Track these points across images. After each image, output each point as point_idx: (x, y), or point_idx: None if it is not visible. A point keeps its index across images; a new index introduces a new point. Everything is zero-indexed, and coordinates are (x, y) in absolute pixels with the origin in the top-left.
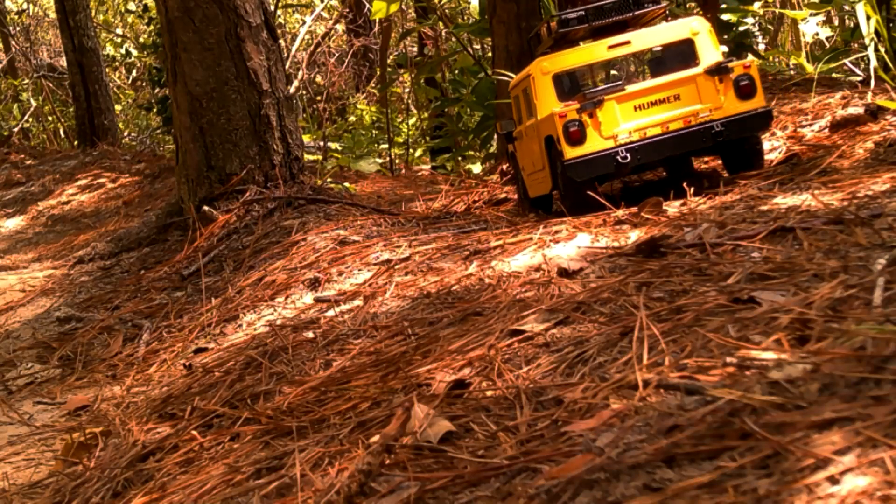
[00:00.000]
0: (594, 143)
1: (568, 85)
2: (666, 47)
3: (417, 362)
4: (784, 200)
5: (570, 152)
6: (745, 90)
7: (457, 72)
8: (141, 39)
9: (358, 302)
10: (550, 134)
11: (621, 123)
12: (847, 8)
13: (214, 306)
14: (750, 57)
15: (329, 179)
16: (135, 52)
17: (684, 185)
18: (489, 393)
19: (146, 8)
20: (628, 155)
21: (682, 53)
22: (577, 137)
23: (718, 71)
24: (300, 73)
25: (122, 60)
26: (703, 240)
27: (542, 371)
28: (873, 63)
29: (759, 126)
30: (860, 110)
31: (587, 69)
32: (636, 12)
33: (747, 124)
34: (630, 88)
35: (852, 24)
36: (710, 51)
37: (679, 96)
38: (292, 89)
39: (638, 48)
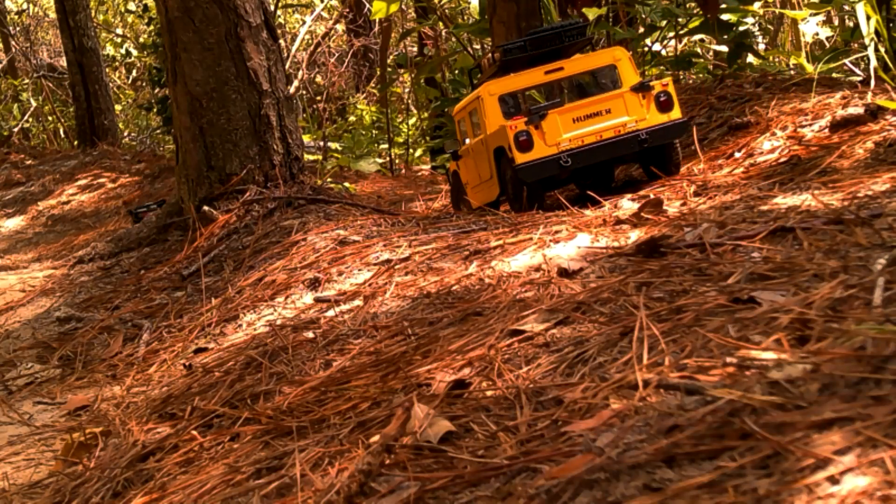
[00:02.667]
0: (540, 150)
1: (511, 105)
2: (593, 72)
3: (417, 362)
4: (784, 200)
5: (521, 158)
6: (664, 104)
7: (457, 72)
8: (141, 39)
9: (358, 302)
10: (501, 144)
11: (563, 133)
12: (847, 8)
13: (214, 306)
14: (667, 77)
15: (329, 179)
16: (135, 52)
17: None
18: (489, 393)
19: (146, 8)
20: (570, 159)
21: (606, 76)
22: (526, 145)
23: (642, 88)
24: (300, 73)
25: (122, 60)
26: (703, 240)
27: (542, 371)
28: (873, 63)
29: (677, 134)
30: (860, 110)
31: (526, 90)
32: (566, 43)
33: (667, 133)
34: (568, 104)
35: (852, 24)
36: (630, 74)
37: (610, 110)
38: (292, 89)
39: (570, 73)
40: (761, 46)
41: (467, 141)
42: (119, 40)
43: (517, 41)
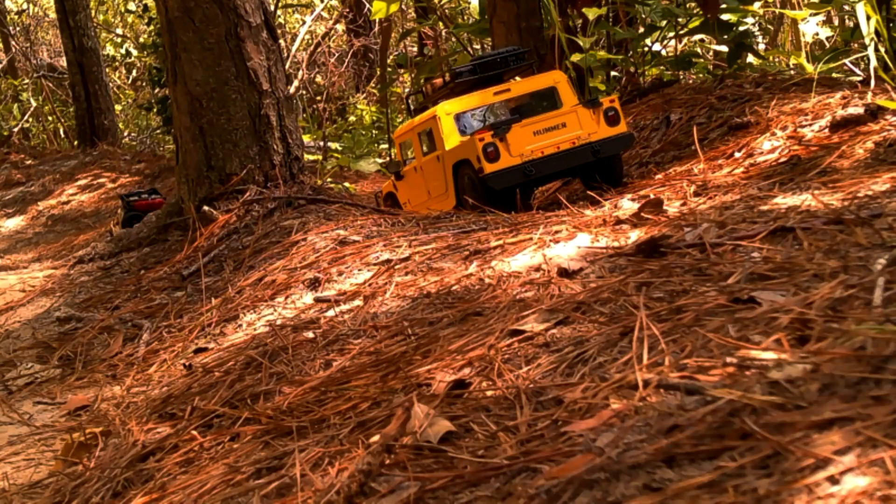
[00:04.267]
0: (506, 160)
1: (463, 123)
2: (536, 93)
3: (417, 362)
4: (784, 200)
5: (489, 168)
6: (612, 119)
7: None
8: (141, 39)
9: (358, 302)
10: (465, 157)
11: (525, 145)
12: (847, 8)
13: (214, 306)
14: (613, 94)
15: (329, 179)
16: (135, 52)
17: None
18: (489, 393)
19: (146, 8)
20: (533, 168)
21: (548, 97)
22: (493, 156)
23: (592, 104)
24: (300, 73)
25: (122, 60)
26: (703, 240)
27: (542, 371)
28: (873, 63)
29: (625, 145)
30: (860, 110)
31: (477, 110)
32: (511, 68)
33: (617, 144)
34: (528, 119)
35: (852, 24)
36: (569, 95)
37: (566, 124)
38: (292, 89)
39: (516, 94)
40: (761, 46)
41: (408, 162)
42: (119, 40)
43: (466, 66)
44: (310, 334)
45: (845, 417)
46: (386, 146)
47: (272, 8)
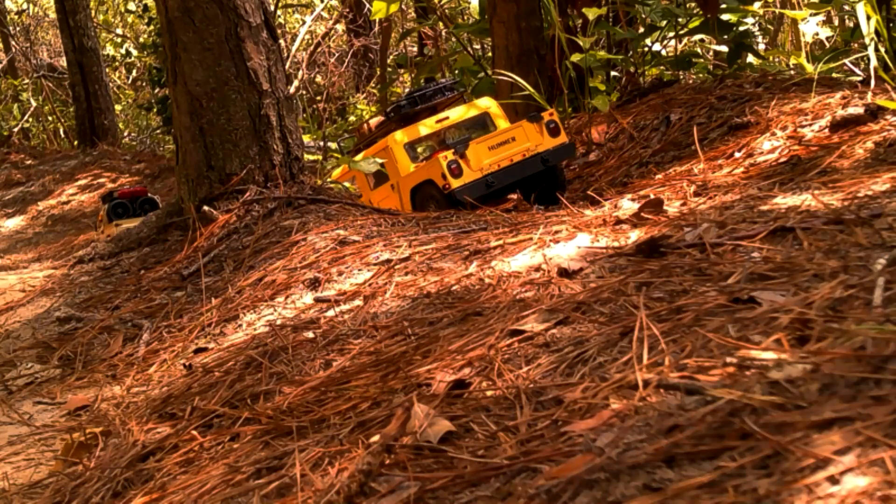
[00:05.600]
0: (468, 175)
1: (412, 150)
2: (472, 118)
3: (417, 362)
4: (784, 200)
5: (455, 183)
6: (554, 130)
7: (457, 72)
8: (141, 39)
9: (358, 302)
10: (429, 178)
11: (483, 159)
12: (847, 8)
13: (214, 306)
14: (550, 110)
15: (329, 179)
16: (135, 52)
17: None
18: (489, 393)
19: (146, 8)
20: (494, 180)
21: (482, 121)
22: (457, 172)
23: (535, 119)
24: (300, 73)
25: (122, 60)
26: (703, 240)
27: (542, 371)
28: (873, 63)
29: (568, 153)
30: (860, 110)
31: (424, 138)
32: (445, 97)
33: (562, 152)
34: (479, 138)
35: (852, 24)
36: (500, 118)
37: (515, 138)
38: (292, 89)
39: (455, 121)
40: (761, 46)
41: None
42: (119, 40)
43: (404, 99)
44: (310, 334)
45: (845, 417)
46: None
47: (272, 8)
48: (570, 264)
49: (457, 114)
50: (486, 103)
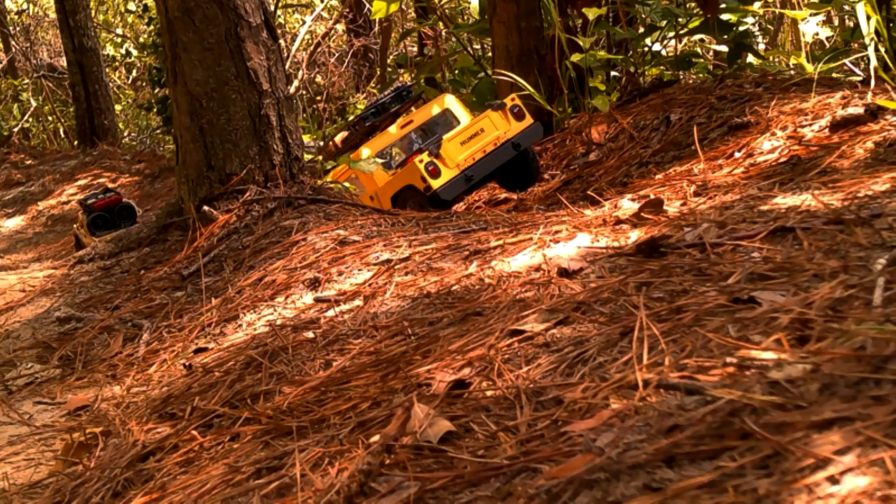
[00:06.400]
0: (447, 174)
1: (383, 158)
2: (434, 117)
3: (417, 362)
4: (784, 200)
5: (436, 184)
6: (518, 114)
7: (457, 72)
8: (141, 39)
9: (358, 302)
10: (408, 183)
11: (458, 155)
12: (847, 8)
13: (214, 306)
14: (513, 94)
15: (329, 179)
16: (135, 52)
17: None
18: (489, 393)
19: (146, 8)
20: (472, 174)
21: (445, 117)
22: (436, 173)
23: (499, 107)
24: (300, 73)
25: (122, 60)
26: (703, 240)
27: (542, 371)
28: (873, 63)
29: (537, 135)
30: (860, 110)
31: (392, 143)
32: (404, 103)
33: (531, 134)
34: (449, 135)
35: (852, 24)
36: (461, 112)
37: (483, 129)
38: (292, 89)
39: (419, 123)
40: (761, 46)
41: None
42: (119, 40)
43: (366, 111)
44: (310, 334)
45: (845, 417)
46: None
47: (272, 8)
48: (570, 264)
49: (420, 115)
50: (445, 100)
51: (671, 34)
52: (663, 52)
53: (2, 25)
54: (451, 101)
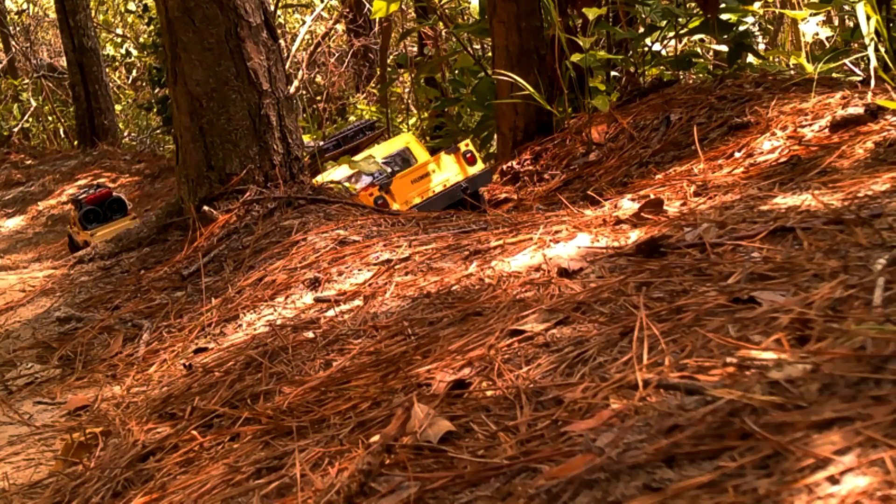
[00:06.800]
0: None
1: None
2: (394, 153)
3: (417, 362)
4: (784, 200)
5: None
6: (470, 160)
7: (457, 72)
8: (141, 39)
9: (358, 302)
10: None
11: (407, 193)
12: (847, 8)
13: (214, 306)
14: (465, 140)
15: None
16: (135, 52)
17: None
18: (489, 393)
19: (146, 8)
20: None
21: (404, 154)
22: (385, 207)
23: (452, 150)
24: (300, 73)
25: (122, 60)
26: (703, 240)
27: (542, 371)
28: (873, 63)
29: (487, 180)
30: (860, 110)
31: (351, 178)
32: (366, 136)
33: (479, 180)
34: (402, 173)
35: (852, 24)
36: (419, 149)
37: (435, 170)
38: (292, 89)
39: (380, 157)
40: (761, 46)
41: None
42: (119, 40)
43: (329, 142)
44: (310, 334)
45: (845, 417)
46: None
47: (272, 8)
48: (570, 264)
49: (379, 151)
50: (406, 138)
51: (671, 34)
52: (663, 52)
53: (2, 25)
54: (410, 140)
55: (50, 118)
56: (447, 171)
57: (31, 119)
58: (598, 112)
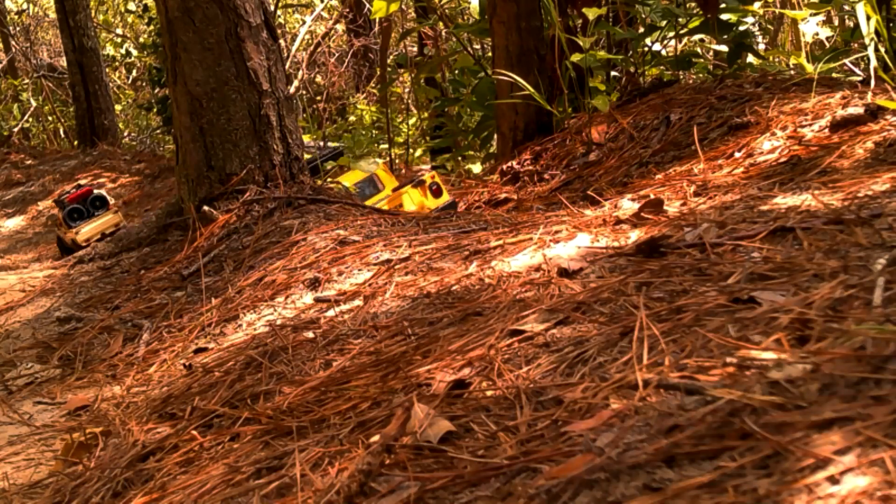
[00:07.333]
0: None
1: None
2: (362, 181)
3: (417, 362)
4: (784, 200)
5: None
6: (436, 192)
7: (457, 72)
8: (141, 39)
9: (358, 302)
10: None
11: None
12: (847, 8)
13: (214, 306)
14: (432, 171)
15: (329, 179)
16: (135, 52)
17: None
18: (489, 393)
19: (146, 8)
20: None
21: (372, 182)
22: None
23: (418, 183)
24: (300, 73)
25: (122, 60)
26: (703, 240)
27: (542, 371)
28: (873, 63)
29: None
30: (860, 110)
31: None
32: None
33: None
34: (368, 202)
35: (852, 24)
36: (387, 178)
37: (402, 203)
38: (292, 89)
39: (345, 183)
40: (761, 46)
41: None
42: (119, 40)
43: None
44: (310, 334)
45: (845, 417)
46: (386, 146)
47: (272, 8)
48: (570, 264)
49: (347, 178)
50: (374, 167)
51: (671, 34)
52: (663, 52)
53: (2, 25)
54: (379, 169)
55: (50, 118)
56: (413, 203)
57: (31, 119)
58: (598, 112)
